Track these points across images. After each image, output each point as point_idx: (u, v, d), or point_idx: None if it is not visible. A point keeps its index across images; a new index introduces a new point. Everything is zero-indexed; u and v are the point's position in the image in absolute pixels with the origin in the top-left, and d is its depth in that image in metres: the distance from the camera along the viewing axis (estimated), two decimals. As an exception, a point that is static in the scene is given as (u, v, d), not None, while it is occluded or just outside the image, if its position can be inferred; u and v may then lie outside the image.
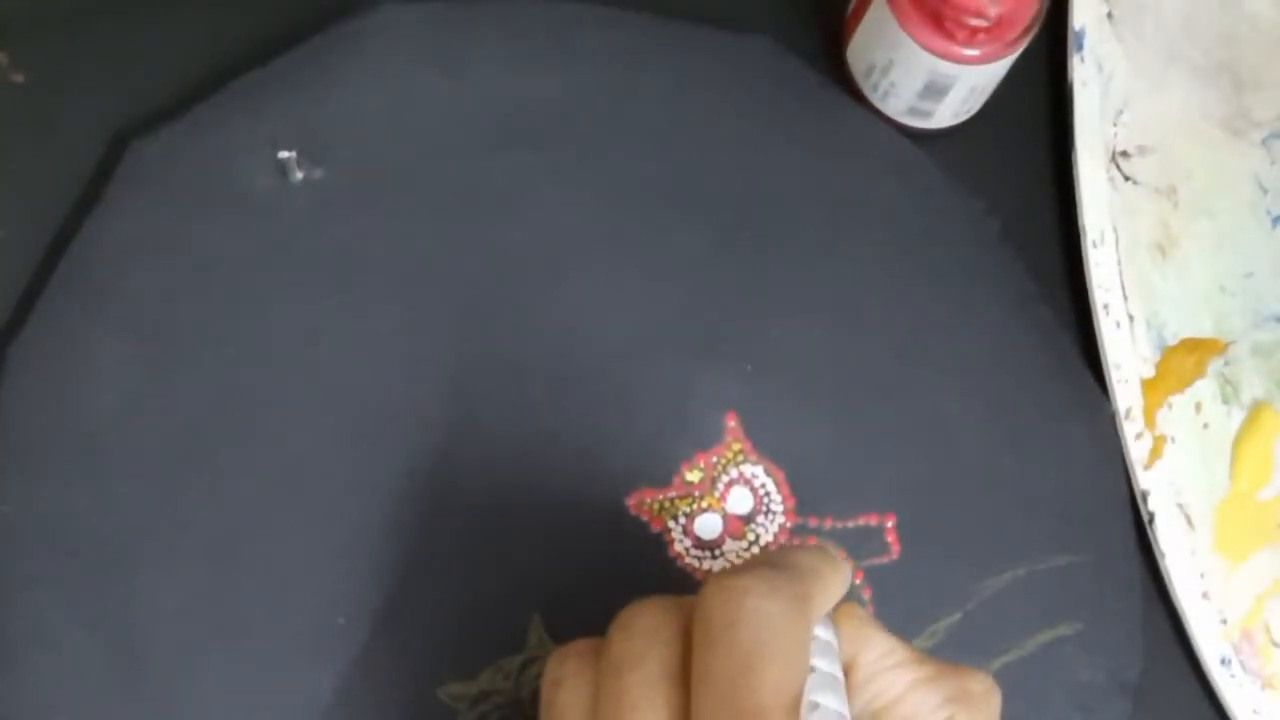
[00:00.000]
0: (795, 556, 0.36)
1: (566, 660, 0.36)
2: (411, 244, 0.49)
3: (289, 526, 0.46)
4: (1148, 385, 0.51)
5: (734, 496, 0.48)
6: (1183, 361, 0.51)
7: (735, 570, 0.35)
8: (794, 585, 0.35)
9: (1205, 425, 0.51)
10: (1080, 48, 0.52)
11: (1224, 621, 0.49)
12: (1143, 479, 0.50)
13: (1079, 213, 0.51)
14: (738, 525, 0.48)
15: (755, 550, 0.48)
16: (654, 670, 0.34)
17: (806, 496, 0.48)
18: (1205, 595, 0.49)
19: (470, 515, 0.47)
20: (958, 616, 0.48)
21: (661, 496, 0.48)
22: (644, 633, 0.35)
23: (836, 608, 0.38)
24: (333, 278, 0.48)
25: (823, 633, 0.36)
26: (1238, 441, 0.51)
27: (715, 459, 0.48)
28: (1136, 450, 0.50)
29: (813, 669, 0.35)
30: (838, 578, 0.37)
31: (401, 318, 0.48)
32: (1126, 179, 0.52)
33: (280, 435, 0.47)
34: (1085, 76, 0.52)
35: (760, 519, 0.48)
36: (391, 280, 0.48)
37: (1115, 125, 0.52)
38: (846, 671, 0.37)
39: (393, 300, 0.48)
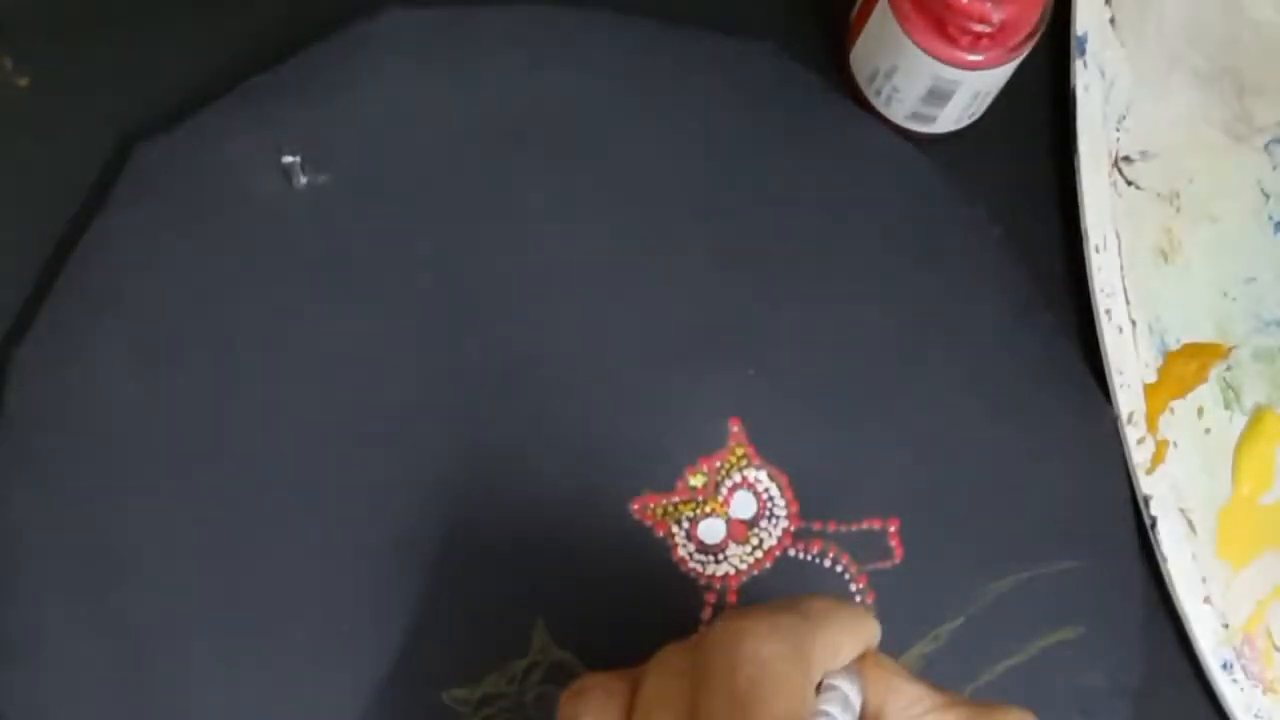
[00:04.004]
0: (808, 600, 0.36)
1: (579, 699, 0.37)
2: (415, 249, 0.49)
3: (293, 531, 0.46)
4: (1150, 390, 0.51)
5: (737, 501, 0.48)
6: (1185, 366, 0.51)
7: (739, 612, 0.35)
8: (797, 627, 0.35)
9: (1207, 430, 0.51)
10: (1082, 53, 0.52)
11: (1225, 626, 0.49)
12: (1145, 483, 0.50)
13: (1081, 218, 0.51)
14: (741, 530, 0.48)
15: (758, 555, 0.48)
16: (681, 710, 0.34)
17: (810, 501, 0.48)
18: (1207, 600, 0.49)
19: (473, 520, 0.47)
20: (960, 620, 0.48)
21: (665, 501, 0.48)
22: (677, 673, 0.35)
23: (864, 658, 0.37)
24: (337, 282, 0.48)
25: (841, 683, 0.36)
26: (1239, 446, 0.51)
27: (718, 464, 0.48)
28: (1138, 455, 0.50)
29: (825, 714, 0.35)
30: (857, 625, 0.37)
31: (404, 323, 0.48)
32: (1129, 184, 0.52)
33: (284, 440, 0.47)
34: (1088, 82, 0.52)
35: (763, 524, 0.48)
36: (395, 285, 0.49)
37: (1117, 130, 0.52)
38: None
39: (396, 305, 0.48)
